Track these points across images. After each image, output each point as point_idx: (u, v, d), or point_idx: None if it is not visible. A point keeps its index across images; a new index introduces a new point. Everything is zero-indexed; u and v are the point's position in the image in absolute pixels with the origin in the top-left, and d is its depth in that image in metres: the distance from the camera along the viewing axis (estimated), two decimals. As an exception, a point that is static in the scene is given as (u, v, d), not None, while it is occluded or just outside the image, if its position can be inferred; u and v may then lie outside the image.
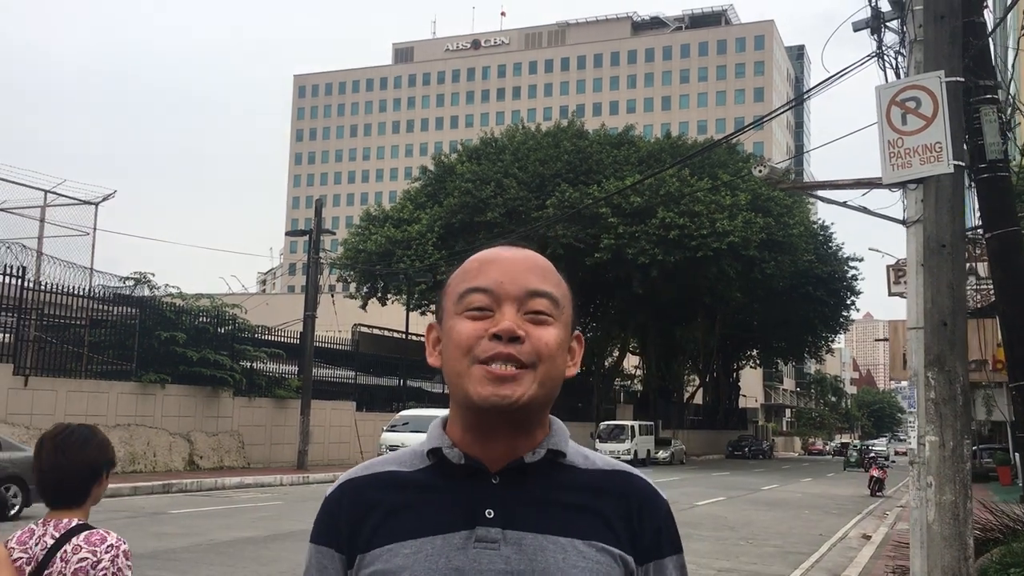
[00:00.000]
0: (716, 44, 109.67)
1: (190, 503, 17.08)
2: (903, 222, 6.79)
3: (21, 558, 2.51)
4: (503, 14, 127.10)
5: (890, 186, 6.17)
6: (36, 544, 2.51)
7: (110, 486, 10.84)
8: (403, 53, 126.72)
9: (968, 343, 14.10)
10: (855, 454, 47.94)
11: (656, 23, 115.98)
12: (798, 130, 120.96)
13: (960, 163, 5.88)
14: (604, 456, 1.35)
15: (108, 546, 2.48)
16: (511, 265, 1.26)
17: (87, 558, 2.44)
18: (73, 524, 2.52)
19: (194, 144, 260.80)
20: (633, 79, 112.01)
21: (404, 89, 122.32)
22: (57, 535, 2.49)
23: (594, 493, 1.27)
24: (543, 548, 1.20)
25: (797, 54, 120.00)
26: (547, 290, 1.26)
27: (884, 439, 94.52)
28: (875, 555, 12.44)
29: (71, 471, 2.54)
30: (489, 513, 1.22)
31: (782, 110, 20.48)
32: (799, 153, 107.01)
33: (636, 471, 1.32)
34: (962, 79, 6.08)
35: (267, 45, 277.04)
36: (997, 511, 10.15)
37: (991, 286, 10.67)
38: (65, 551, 2.46)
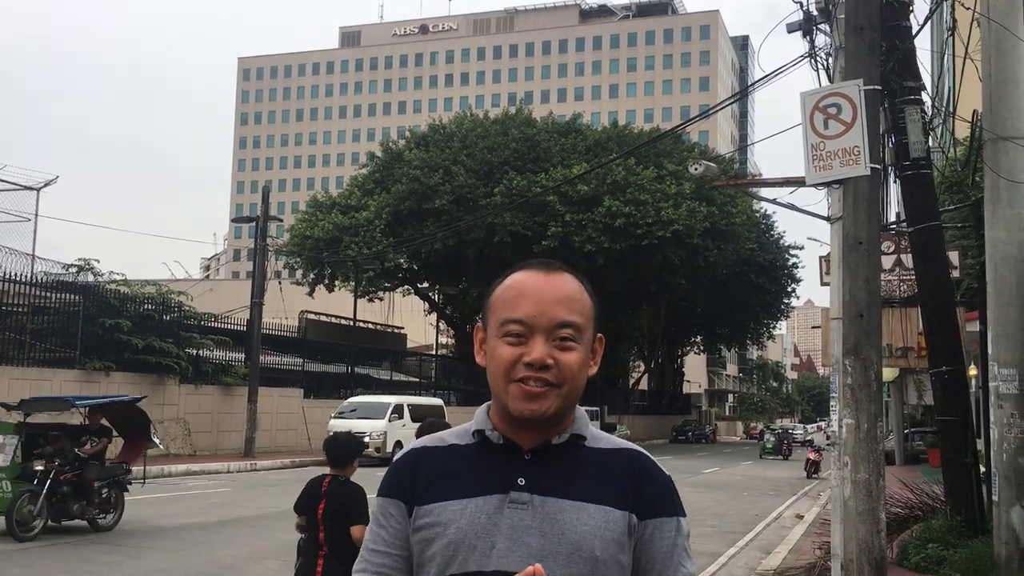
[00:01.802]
0: (662, 33, 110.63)
1: (136, 490, 17.05)
2: (827, 219, 7.22)
3: None
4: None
5: (815, 185, 6.58)
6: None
7: None
8: (350, 37, 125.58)
9: (895, 331, 14.76)
10: (772, 439, 41.37)
11: (604, 11, 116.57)
12: (743, 120, 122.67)
13: (876, 166, 6.31)
14: (616, 438, 1.64)
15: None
16: (543, 297, 1.54)
17: None
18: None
19: (134, 128, 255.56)
20: (581, 67, 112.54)
21: (351, 74, 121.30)
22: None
23: (606, 467, 1.55)
24: (562, 509, 1.50)
25: (742, 44, 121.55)
26: (572, 320, 1.54)
27: (813, 424, 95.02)
28: (806, 533, 13.03)
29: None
30: (521, 481, 1.51)
31: (724, 104, 21.05)
32: (743, 143, 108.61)
33: (640, 449, 1.62)
34: (879, 87, 6.50)
35: (210, 27, 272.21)
36: (918, 490, 10.74)
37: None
38: None
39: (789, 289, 61.75)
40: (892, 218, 13.66)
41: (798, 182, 6.79)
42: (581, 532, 1.49)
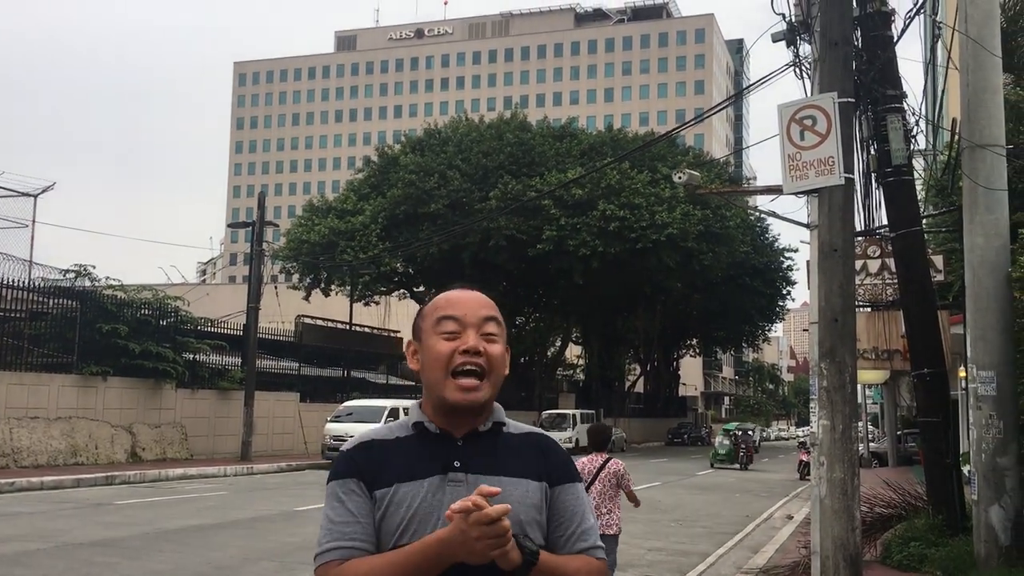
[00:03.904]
0: (658, 37, 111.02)
1: (134, 494, 17.26)
2: (807, 225, 7.43)
3: (587, 467, 7.14)
4: (446, 3, 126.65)
5: (793, 194, 6.79)
6: (592, 464, 7.23)
7: (53, 478, 11.75)
8: (345, 41, 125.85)
9: (881, 333, 14.97)
10: (727, 443, 33.48)
11: (599, 15, 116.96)
12: (737, 123, 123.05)
13: (850, 176, 6.52)
14: (524, 425, 1.98)
15: (621, 465, 7.31)
16: (470, 303, 1.87)
17: (617, 469, 7.21)
18: (606, 456, 7.29)
19: (129, 131, 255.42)
20: (576, 71, 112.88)
21: (347, 78, 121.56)
22: (601, 460, 7.24)
23: (521, 447, 1.89)
24: (490, 484, 1.77)
25: (736, 48, 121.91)
26: (495, 317, 1.88)
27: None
28: (794, 533, 13.23)
29: (607, 436, 7.62)
30: (456, 464, 1.82)
31: (719, 108, 21.25)
32: (738, 146, 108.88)
33: (544, 432, 1.97)
34: (853, 100, 6.72)
35: (205, 31, 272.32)
36: (901, 491, 10.94)
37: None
38: (607, 466, 7.20)
39: (784, 292, 62.06)
40: (880, 222, 13.87)
41: (777, 190, 6.99)
42: (507, 501, 1.74)
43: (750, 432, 38.08)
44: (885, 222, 11.84)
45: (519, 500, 1.80)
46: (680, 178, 8.31)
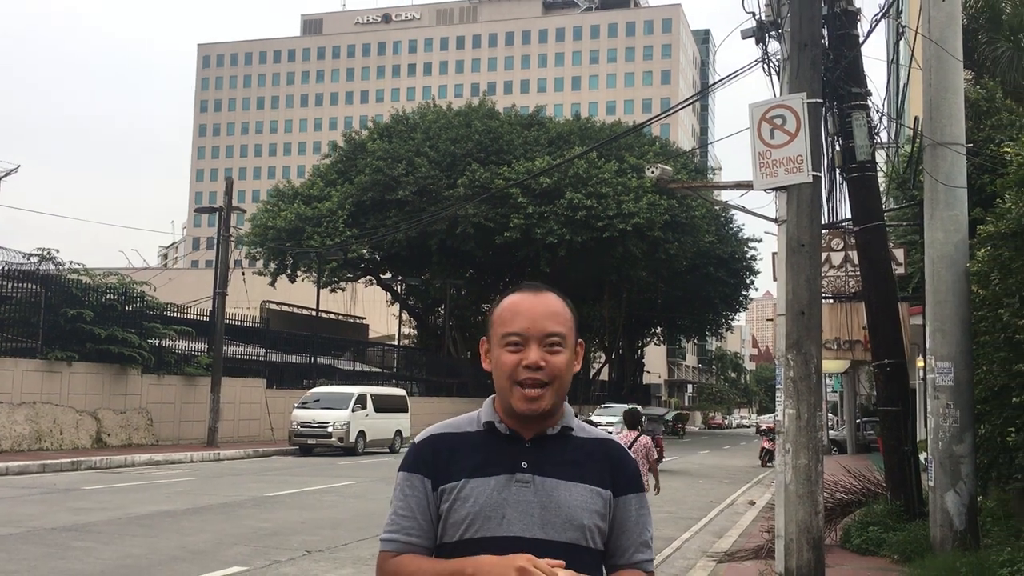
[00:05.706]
0: (625, 26, 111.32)
1: (101, 479, 17.21)
2: (775, 220, 7.66)
3: (622, 442, 6.65)
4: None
5: (763, 190, 7.01)
6: (625, 439, 9.39)
7: (19, 463, 11.81)
8: (312, 25, 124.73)
9: (843, 324, 15.32)
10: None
11: (567, 3, 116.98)
12: (703, 113, 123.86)
13: (818, 174, 6.75)
14: (596, 429, 2.06)
15: (649, 440, 9.99)
16: (534, 314, 1.94)
17: (647, 443, 9.78)
18: (637, 433, 9.89)
19: (90, 113, 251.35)
20: (544, 58, 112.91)
21: (313, 62, 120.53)
22: (633, 436, 9.75)
23: (590, 453, 1.97)
24: (556, 487, 1.91)
25: (703, 38, 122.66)
26: (557, 331, 1.95)
27: (770, 415, 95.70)
28: (756, 518, 13.57)
29: (638, 416, 10.40)
30: (524, 464, 1.92)
31: (684, 105, 21.52)
32: (704, 136, 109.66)
33: (616, 440, 2.06)
34: (821, 100, 6.95)
35: (169, 11, 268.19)
36: (861, 477, 11.28)
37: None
38: (638, 441, 9.62)
39: (748, 281, 62.81)
40: (844, 216, 14.19)
41: (747, 186, 7.21)
42: (572, 506, 1.91)
43: (660, 419, 28.48)
44: (848, 215, 12.16)
45: (582, 506, 1.90)
46: (653, 172, 8.51)
